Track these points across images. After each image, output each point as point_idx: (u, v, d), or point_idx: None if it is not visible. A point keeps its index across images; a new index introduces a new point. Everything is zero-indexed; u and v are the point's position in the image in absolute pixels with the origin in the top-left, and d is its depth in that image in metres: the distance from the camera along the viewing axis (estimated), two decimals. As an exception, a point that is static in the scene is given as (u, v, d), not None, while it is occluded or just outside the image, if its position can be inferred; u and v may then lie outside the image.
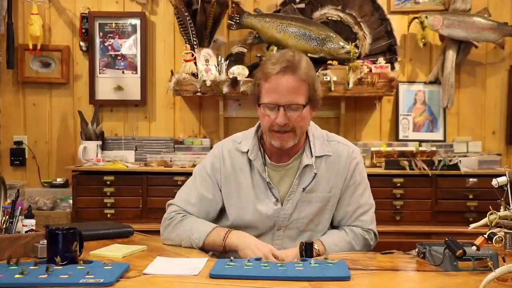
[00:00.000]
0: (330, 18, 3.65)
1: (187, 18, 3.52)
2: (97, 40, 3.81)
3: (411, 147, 3.47)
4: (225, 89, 3.40)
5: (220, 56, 3.54)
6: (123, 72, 3.82)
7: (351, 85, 3.39)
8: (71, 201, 3.43)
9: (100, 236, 2.00)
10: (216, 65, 3.48)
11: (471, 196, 3.26)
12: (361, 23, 3.63)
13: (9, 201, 1.80)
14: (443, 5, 3.70)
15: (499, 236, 1.42)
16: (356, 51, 3.46)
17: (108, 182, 3.35)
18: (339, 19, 3.65)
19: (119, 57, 3.82)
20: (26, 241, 1.71)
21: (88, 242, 1.79)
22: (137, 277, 1.48)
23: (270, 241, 1.90)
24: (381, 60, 3.50)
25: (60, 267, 1.50)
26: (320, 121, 2.00)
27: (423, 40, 3.59)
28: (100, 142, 3.62)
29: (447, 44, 3.63)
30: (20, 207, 1.79)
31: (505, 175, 1.57)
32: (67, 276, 1.42)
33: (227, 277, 1.46)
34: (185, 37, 3.63)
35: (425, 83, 3.76)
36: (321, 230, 1.92)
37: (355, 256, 1.74)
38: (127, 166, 3.44)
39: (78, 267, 1.52)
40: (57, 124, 3.87)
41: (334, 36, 3.50)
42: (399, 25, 3.67)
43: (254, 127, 1.98)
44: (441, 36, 3.68)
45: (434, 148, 3.44)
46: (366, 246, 1.91)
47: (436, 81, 3.72)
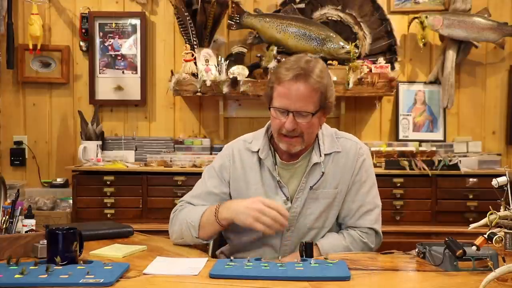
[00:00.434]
0: (330, 18, 3.65)
1: (187, 18, 3.52)
2: (97, 40, 3.81)
3: (411, 147, 3.47)
4: (225, 89, 3.40)
5: (220, 56, 3.54)
6: (123, 72, 3.83)
7: (351, 85, 3.39)
8: (71, 201, 3.43)
9: (100, 236, 2.00)
10: (216, 65, 3.48)
11: (471, 196, 3.26)
12: (361, 23, 3.64)
13: (9, 201, 1.80)
14: (443, 5, 3.70)
15: (499, 236, 1.42)
16: (356, 51, 3.46)
17: (108, 182, 3.35)
18: (339, 19, 3.65)
19: (119, 57, 3.82)
20: (26, 241, 1.71)
21: (88, 242, 1.79)
22: (137, 277, 1.48)
23: (278, 243, 1.91)
24: (381, 60, 3.50)
25: (60, 267, 1.50)
26: (320, 121, 2.02)
27: (423, 40, 3.59)
28: (100, 142, 3.62)
29: (447, 44, 3.63)
30: (20, 207, 1.79)
31: (505, 175, 1.57)
32: (67, 276, 1.42)
33: (227, 277, 1.46)
34: (185, 37, 3.63)
35: (425, 83, 3.76)
36: (327, 226, 1.93)
37: (355, 256, 1.73)
38: (127, 166, 3.44)
39: (78, 267, 1.52)
40: (57, 124, 3.87)
41: (334, 36, 3.50)
42: (399, 25, 3.67)
43: (264, 127, 1.99)
44: (441, 36, 3.68)
45: (434, 148, 3.44)
46: (366, 249, 1.90)
47: (436, 81, 3.72)
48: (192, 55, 3.49)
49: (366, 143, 3.50)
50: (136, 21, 3.81)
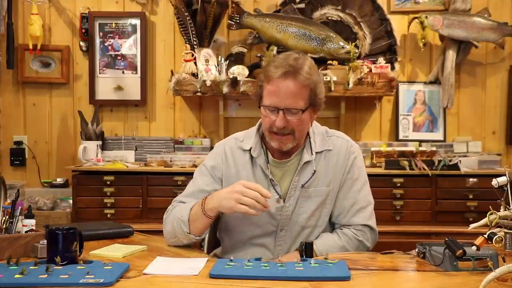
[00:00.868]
0: (330, 18, 3.65)
1: (187, 18, 3.53)
2: (97, 40, 3.81)
3: (411, 147, 3.47)
4: (225, 89, 3.40)
5: (220, 56, 3.54)
6: (123, 72, 3.83)
7: (351, 85, 3.39)
8: (71, 201, 3.43)
9: (100, 236, 1.99)
10: (216, 65, 3.48)
11: (471, 196, 3.26)
12: (361, 23, 3.63)
13: (9, 201, 1.79)
14: (443, 5, 3.70)
15: (499, 236, 1.42)
16: (356, 51, 3.46)
17: (108, 182, 3.36)
18: (339, 19, 3.65)
19: (119, 57, 3.82)
20: (26, 241, 1.71)
21: (88, 242, 1.78)
22: (137, 277, 1.48)
23: (273, 242, 1.91)
24: (381, 60, 3.50)
25: (60, 267, 1.50)
26: (320, 121, 1.99)
27: (423, 40, 3.59)
28: (100, 142, 3.62)
29: (447, 44, 3.63)
30: (20, 207, 1.79)
31: (505, 175, 1.57)
32: (67, 276, 1.42)
33: (227, 277, 1.46)
34: (185, 37, 3.63)
35: (425, 83, 3.76)
36: (321, 225, 1.93)
37: (355, 256, 1.73)
38: (127, 166, 3.44)
39: (78, 267, 1.52)
40: (57, 124, 3.87)
41: (334, 36, 3.50)
42: (399, 25, 3.67)
43: (256, 125, 2.00)
44: (441, 36, 3.68)
45: (434, 148, 3.44)
46: (362, 247, 1.90)
47: (436, 81, 3.72)
48: (192, 55, 3.49)
49: (366, 143, 3.58)
50: (136, 21, 3.81)
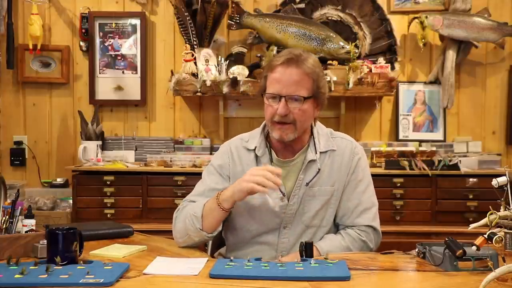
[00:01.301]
0: (330, 18, 3.65)
1: (187, 18, 3.53)
2: (97, 40, 3.81)
3: (411, 147, 3.47)
4: (225, 89, 3.40)
5: (220, 56, 3.54)
6: (123, 72, 3.83)
7: (351, 85, 3.39)
8: (71, 201, 3.43)
9: (100, 236, 1.99)
10: (216, 65, 3.48)
11: (471, 196, 3.26)
12: (361, 23, 3.64)
13: (9, 201, 1.79)
14: (443, 5, 3.70)
15: (499, 236, 1.42)
16: (356, 51, 3.46)
17: (108, 182, 3.35)
18: (339, 19, 3.65)
19: (119, 57, 3.82)
20: (26, 241, 1.71)
21: (88, 242, 1.78)
22: (137, 277, 1.48)
23: (276, 239, 1.91)
24: (381, 60, 3.50)
25: (60, 267, 1.50)
26: (320, 121, 2.00)
27: (423, 40, 3.59)
28: (100, 142, 3.62)
29: (447, 44, 3.63)
30: (20, 207, 1.79)
31: (505, 175, 1.57)
32: (67, 276, 1.42)
33: (227, 277, 1.46)
34: (185, 37, 3.63)
35: (425, 83, 3.76)
36: (325, 225, 1.93)
37: (355, 256, 1.73)
38: (127, 166, 3.44)
39: (78, 267, 1.52)
40: (57, 124, 3.87)
41: (334, 36, 3.50)
42: (399, 25, 3.67)
43: (261, 125, 2.01)
44: (441, 36, 3.68)
45: (434, 148, 3.44)
46: (366, 248, 1.90)
47: (436, 81, 3.72)
48: (192, 55, 3.49)
49: (366, 143, 3.58)
50: (136, 21, 3.81)
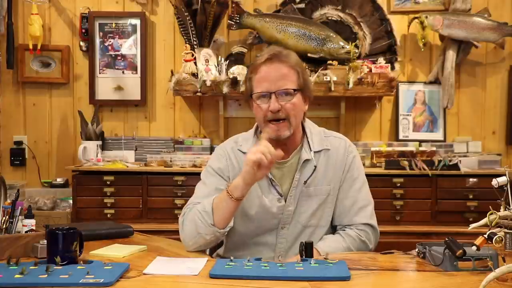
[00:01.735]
0: (330, 18, 3.65)
1: (187, 18, 3.53)
2: (97, 40, 3.81)
3: (411, 147, 3.47)
4: (225, 89, 3.40)
5: (220, 56, 3.54)
6: (123, 72, 3.83)
7: (351, 85, 3.39)
8: (71, 201, 3.43)
9: (100, 236, 2.00)
10: (216, 65, 3.48)
11: (471, 196, 3.26)
12: (361, 23, 3.64)
13: (9, 201, 1.80)
14: (443, 5, 3.70)
15: (499, 236, 1.42)
16: (356, 51, 3.46)
17: (108, 182, 3.35)
18: (339, 19, 3.65)
19: (119, 57, 3.82)
20: (26, 241, 1.71)
21: (88, 242, 1.78)
22: (137, 277, 1.48)
23: (274, 240, 1.92)
24: (381, 60, 3.50)
25: (60, 267, 1.50)
26: (320, 121, 2.00)
27: (423, 40, 3.59)
28: (100, 142, 3.62)
29: (447, 44, 3.63)
30: (20, 207, 1.79)
31: (505, 175, 1.57)
32: (67, 276, 1.42)
33: (227, 277, 1.46)
34: (185, 37, 3.63)
35: (425, 83, 3.76)
36: (324, 225, 1.93)
37: (355, 256, 1.73)
38: (127, 166, 3.44)
39: (78, 267, 1.52)
40: (57, 124, 3.87)
41: (334, 36, 3.50)
42: (399, 25, 3.67)
43: (253, 128, 2.01)
44: (441, 36, 3.68)
45: (434, 148, 3.44)
46: (365, 248, 1.90)
47: (436, 81, 3.72)
48: (192, 55, 3.49)
49: (366, 143, 3.59)
50: (136, 21, 3.81)
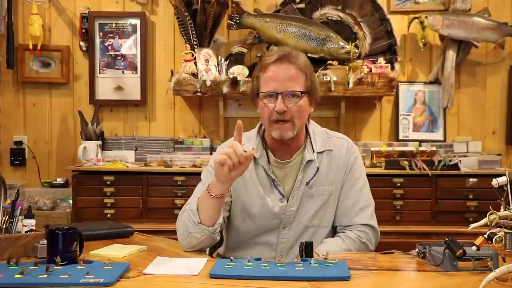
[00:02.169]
0: (330, 18, 3.65)
1: (187, 18, 3.53)
2: (97, 40, 3.81)
3: (411, 147, 3.47)
4: (225, 89, 3.40)
5: (220, 56, 3.54)
6: (123, 72, 3.83)
7: (351, 85, 3.39)
8: (71, 201, 3.43)
9: (100, 236, 1.99)
10: (216, 65, 3.48)
11: (471, 196, 3.26)
12: (361, 23, 3.64)
13: (9, 201, 1.79)
14: (443, 5, 3.70)
15: (499, 236, 1.42)
16: (356, 51, 3.46)
17: (108, 182, 3.35)
18: (339, 19, 3.65)
19: (119, 57, 3.82)
20: (26, 241, 1.71)
21: (88, 242, 1.78)
22: (137, 277, 1.48)
23: (275, 240, 1.92)
24: (381, 60, 3.50)
25: (60, 267, 1.50)
26: (320, 121, 2.00)
27: (423, 40, 3.59)
28: (100, 142, 3.62)
29: (447, 44, 3.63)
30: (20, 207, 1.79)
31: (505, 175, 1.57)
32: (67, 276, 1.42)
33: (227, 277, 1.46)
34: (185, 37, 3.63)
35: (425, 83, 3.76)
36: (326, 226, 1.94)
37: (355, 256, 1.73)
38: (127, 166, 3.44)
39: (78, 267, 1.52)
40: (57, 124, 3.87)
41: (334, 36, 3.50)
42: (399, 25, 3.67)
43: (256, 127, 2.00)
44: (441, 36, 3.68)
45: (434, 148, 3.44)
46: (365, 249, 1.90)
47: (436, 81, 3.72)
48: (192, 55, 3.49)
49: (366, 143, 3.59)
50: (136, 21, 3.81)
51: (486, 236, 1.43)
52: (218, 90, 3.41)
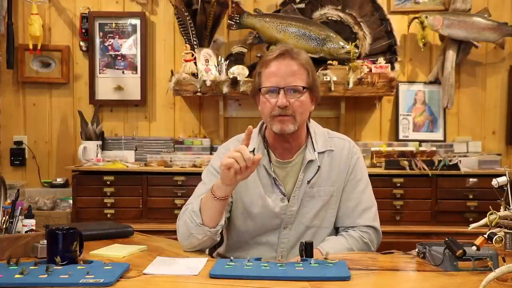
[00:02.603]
0: (330, 18, 3.65)
1: (187, 18, 3.53)
2: (97, 40, 3.81)
3: (411, 147, 3.47)
4: (225, 89, 3.40)
5: (220, 56, 3.54)
6: (123, 72, 3.83)
7: (351, 85, 3.39)
8: (71, 201, 3.43)
9: (100, 236, 1.99)
10: (216, 65, 3.48)
11: (471, 196, 3.26)
12: (361, 23, 3.64)
13: (9, 201, 1.79)
14: (443, 5, 3.70)
15: (499, 236, 1.42)
16: (356, 51, 3.46)
17: (108, 182, 3.35)
18: (339, 19, 3.65)
19: (119, 57, 3.82)
20: (26, 241, 1.71)
21: (88, 242, 1.78)
22: (137, 277, 1.48)
23: (276, 240, 1.91)
24: (381, 60, 3.50)
25: (60, 267, 1.50)
26: (320, 121, 2.00)
27: (423, 40, 3.59)
28: (100, 142, 3.62)
29: (447, 44, 3.63)
30: (20, 207, 1.79)
31: (505, 175, 1.57)
32: (67, 276, 1.42)
33: (227, 277, 1.46)
34: (185, 37, 3.63)
35: (425, 83, 3.76)
36: (327, 226, 1.93)
37: (355, 256, 1.73)
38: (127, 166, 3.44)
39: (78, 267, 1.52)
40: (57, 124, 3.87)
41: (334, 36, 3.50)
42: (399, 25, 3.67)
43: (257, 126, 2.00)
44: (441, 36, 3.68)
45: (434, 148, 3.44)
46: (367, 250, 1.90)
47: (436, 81, 3.72)
48: (192, 55, 3.49)
49: (366, 143, 3.59)
50: (136, 21, 3.81)
51: (486, 236, 1.43)
52: (218, 90, 3.41)
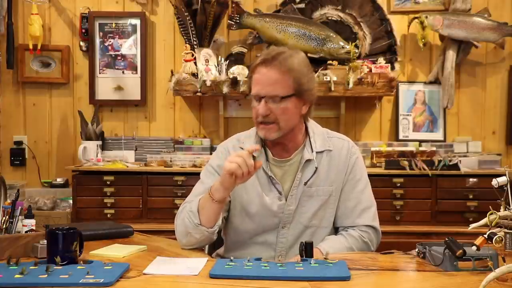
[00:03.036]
0: (330, 18, 3.65)
1: (187, 18, 3.53)
2: (97, 40, 3.81)
3: (411, 147, 3.47)
4: (225, 89, 3.40)
5: (220, 56, 3.54)
6: (123, 72, 3.83)
7: (351, 85, 3.39)
8: (71, 201, 3.43)
9: (100, 236, 1.99)
10: (216, 65, 3.48)
11: (471, 196, 3.26)
12: (361, 23, 3.64)
13: (9, 201, 1.79)
14: (443, 5, 3.70)
15: (499, 236, 1.42)
16: (356, 51, 3.46)
17: (108, 182, 3.35)
18: (339, 19, 3.65)
19: (119, 57, 3.82)
20: (26, 241, 1.71)
21: (88, 242, 1.78)
22: (137, 277, 1.48)
23: (275, 239, 1.91)
24: (381, 60, 3.50)
25: (60, 267, 1.50)
26: (320, 121, 2.00)
27: (423, 40, 3.59)
28: (100, 142, 3.62)
29: (447, 44, 3.63)
30: (20, 207, 1.79)
31: (505, 175, 1.57)
32: (67, 276, 1.42)
33: (227, 277, 1.46)
34: (185, 37, 3.63)
35: (425, 83, 3.76)
36: (326, 226, 1.93)
37: (355, 256, 1.73)
38: (127, 166, 3.44)
39: (78, 267, 1.52)
40: (57, 124, 3.87)
41: (334, 36, 3.50)
42: (399, 25, 3.67)
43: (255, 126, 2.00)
44: (441, 36, 3.68)
45: (434, 148, 3.44)
46: (367, 249, 1.90)
47: (436, 81, 3.72)
48: (192, 55, 3.49)
49: (366, 143, 3.59)
50: (136, 21, 3.81)
51: (486, 236, 1.43)
52: (218, 90, 3.41)
